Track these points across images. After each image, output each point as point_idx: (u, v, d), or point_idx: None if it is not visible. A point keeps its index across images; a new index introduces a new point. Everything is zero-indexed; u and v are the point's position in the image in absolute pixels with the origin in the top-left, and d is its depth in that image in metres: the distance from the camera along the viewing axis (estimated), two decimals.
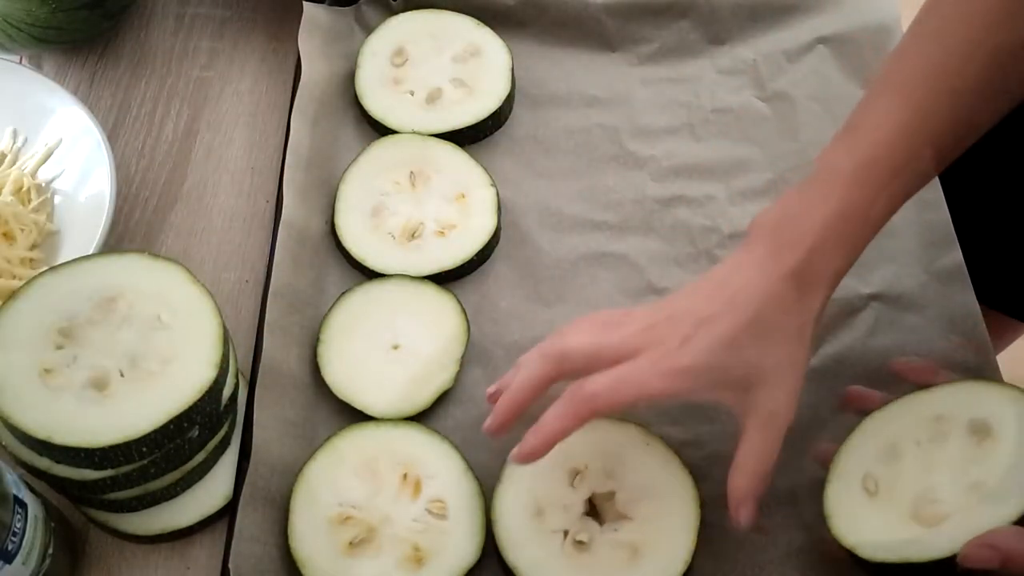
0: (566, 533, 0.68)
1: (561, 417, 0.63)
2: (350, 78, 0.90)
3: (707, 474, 0.72)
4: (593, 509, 0.69)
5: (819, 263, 0.63)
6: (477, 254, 0.81)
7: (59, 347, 0.64)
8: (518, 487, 0.69)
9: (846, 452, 0.68)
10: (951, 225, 0.84)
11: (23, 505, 0.59)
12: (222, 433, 0.69)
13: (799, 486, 0.73)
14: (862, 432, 0.68)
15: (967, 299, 0.80)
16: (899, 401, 0.68)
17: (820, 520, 0.71)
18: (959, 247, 0.82)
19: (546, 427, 0.64)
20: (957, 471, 0.63)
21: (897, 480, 0.65)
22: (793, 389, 0.64)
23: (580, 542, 0.68)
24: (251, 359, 0.75)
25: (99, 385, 0.63)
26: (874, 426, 0.68)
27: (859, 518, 0.65)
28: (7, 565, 0.58)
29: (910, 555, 0.61)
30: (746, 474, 0.63)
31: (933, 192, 0.86)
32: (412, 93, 0.89)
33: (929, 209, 0.85)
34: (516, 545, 0.67)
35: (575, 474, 0.70)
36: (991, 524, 0.58)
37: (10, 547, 0.58)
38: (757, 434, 0.63)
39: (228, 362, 0.67)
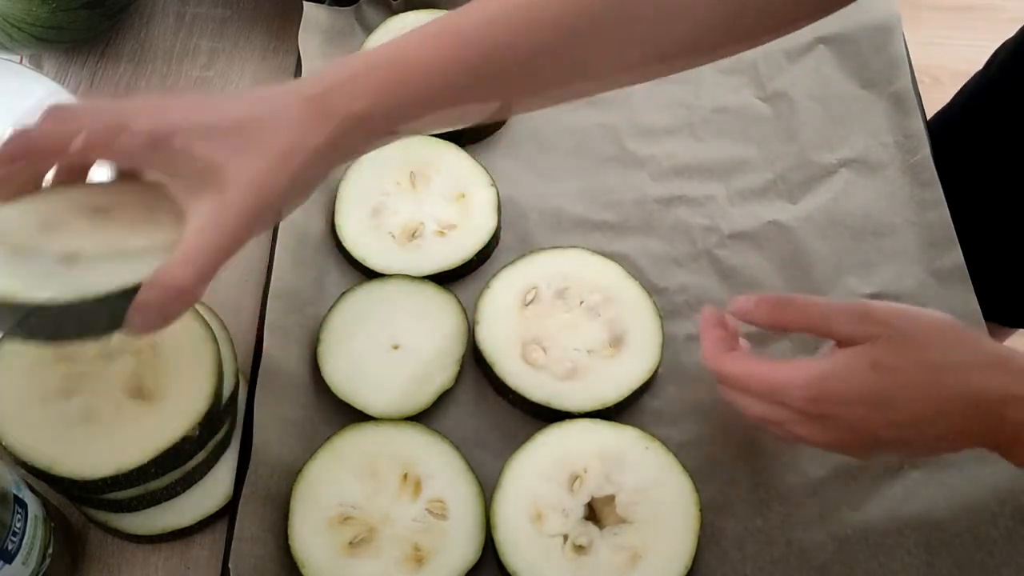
0: (565, 537, 0.68)
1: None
2: None
3: (707, 476, 0.72)
4: (592, 513, 0.69)
5: (344, 96, 0.57)
6: (477, 254, 0.81)
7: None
8: (517, 492, 0.69)
9: None
10: (951, 225, 0.84)
11: (23, 505, 0.59)
12: (222, 433, 0.70)
13: (799, 486, 0.73)
14: None
15: (967, 298, 0.80)
16: None
17: (819, 521, 0.71)
18: (959, 247, 0.82)
19: None
20: None
21: None
22: (241, 203, 0.54)
23: (579, 546, 0.68)
24: (251, 359, 0.75)
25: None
26: None
27: None
28: (7, 565, 0.58)
29: None
30: (166, 282, 0.53)
31: (933, 192, 0.86)
32: None
33: (929, 209, 0.85)
34: (516, 550, 0.67)
35: (574, 479, 0.70)
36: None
37: (10, 547, 0.58)
38: (197, 231, 0.54)
39: (223, 393, 0.68)
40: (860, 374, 0.60)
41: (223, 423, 0.69)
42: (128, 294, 0.53)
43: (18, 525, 0.58)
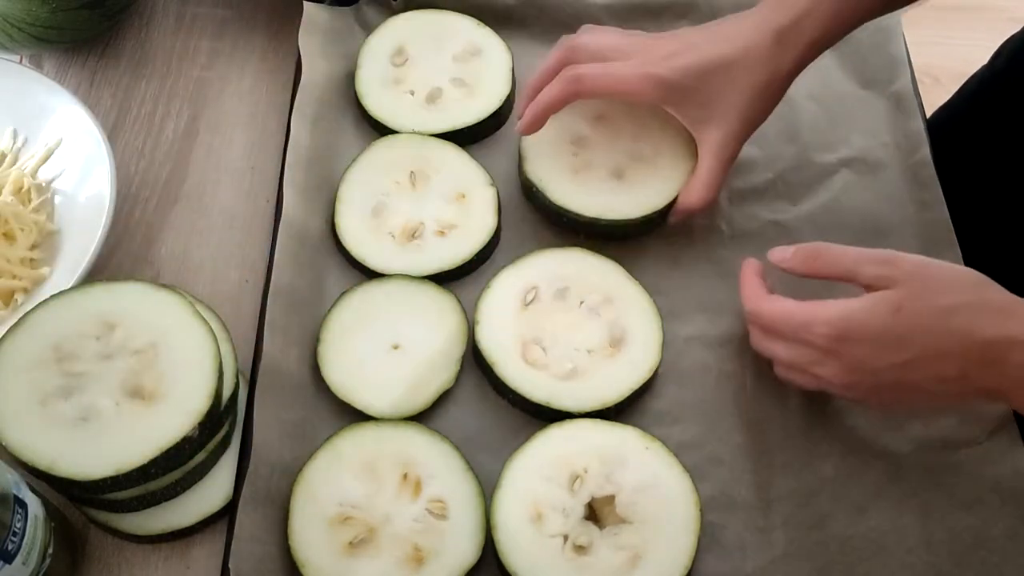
0: (565, 538, 0.68)
1: (551, 91, 0.77)
2: (350, 78, 0.90)
3: (707, 476, 0.72)
4: (593, 513, 0.69)
5: (803, 26, 0.74)
6: (477, 254, 0.81)
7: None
8: (517, 492, 0.69)
9: None
10: (950, 224, 0.84)
11: (23, 505, 0.59)
12: (222, 433, 0.70)
13: (799, 486, 0.73)
14: None
15: None
16: None
17: (820, 521, 0.71)
18: (958, 247, 0.82)
19: (540, 100, 0.78)
20: None
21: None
22: (735, 132, 0.77)
23: (580, 546, 0.67)
24: (251, 359, 0.75)
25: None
26: None
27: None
28: (7, 565, 0.58)
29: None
30: (695, 190, 0.79)
31: (932, 191, 0.86)
32: (412, 93, 0.89)
33: (928, 209, 0.85)
34: (516, 550, 0.67)
35: (574, 479, 0.70)
36: None
37: (10, 547, 0.58)
38: (706, 160, 0.78)
39: (223, 393, 0.68)
40: (881, 316, 0.66)
41: (223, 423, 0.69)
42: None
43: (18, 525, 0.58)
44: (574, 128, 0.84)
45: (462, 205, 0.83)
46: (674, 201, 0.82)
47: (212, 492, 0.70)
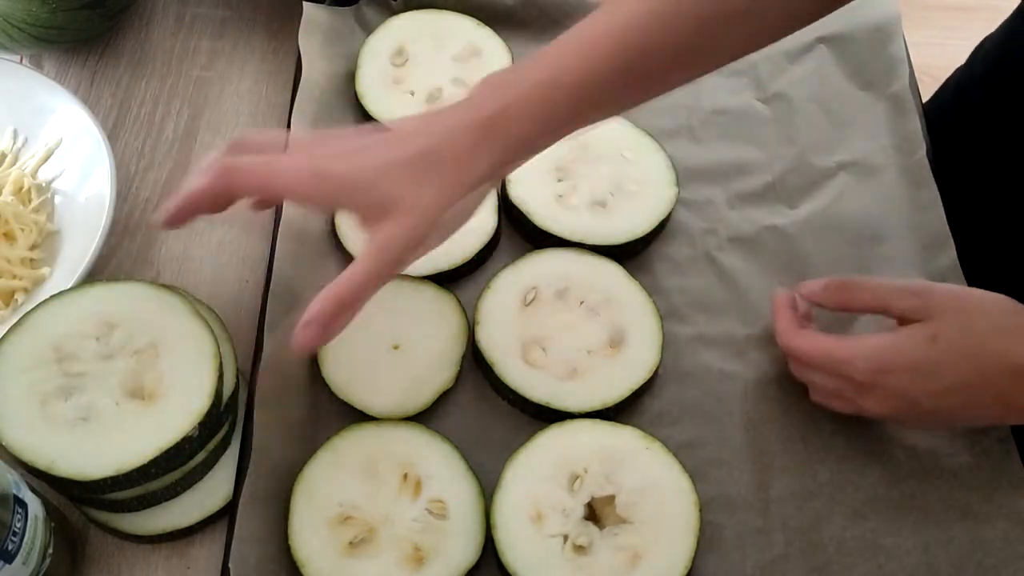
0: (565, 538, 0.68)
1: (197, 183, 0.63)
2: (350, 78, 0.90)
3: (706, 476, 0.72)
4: (592, 513, 0.69)
5: (510, 121, 0.63)
6: (477, 254, 0.81)
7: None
8: (517, 492, 0.69)
9: None
10: (946, 225, 0.84)
11: (23, 505, 0.59)
12: (222, 433, 0.70)
13: (799, 487, 0.73)
14: None
15: None
16: None
17: (818, 522, 0.71)
18: (954, 245, 0.83)
19: (182, 192, 0.63)
20: None
21: None
22: (415, 227, 0.62)
23: (580, 547, 0.67)
24: (251, 359, 0.75)
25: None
26: None
27: None
28: (7, 565, 0.58)
29: None
30: (327, 296, 0.61)
31: (929, 191, 0.86)
32: (412, 93, 0.89)
33: (925, 209, 0.85)
34: (516, 550, 0.67)
35: (574, 479, 0.70)
36: None
37: (10, 547, 0.58)
38: (363, 259, 0.62)
39: (223, 393, 0.68)
40: (919, 347, 0.67)
41: (223, 423, 0.69)
42: None
43: (18, 525, 0.58)
44: (557, 153, 0.83)
45: None
46: (662, 225, 0.82)
47: (212, 492, 0.70)
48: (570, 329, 0.77)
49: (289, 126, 0.84)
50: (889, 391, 0.68)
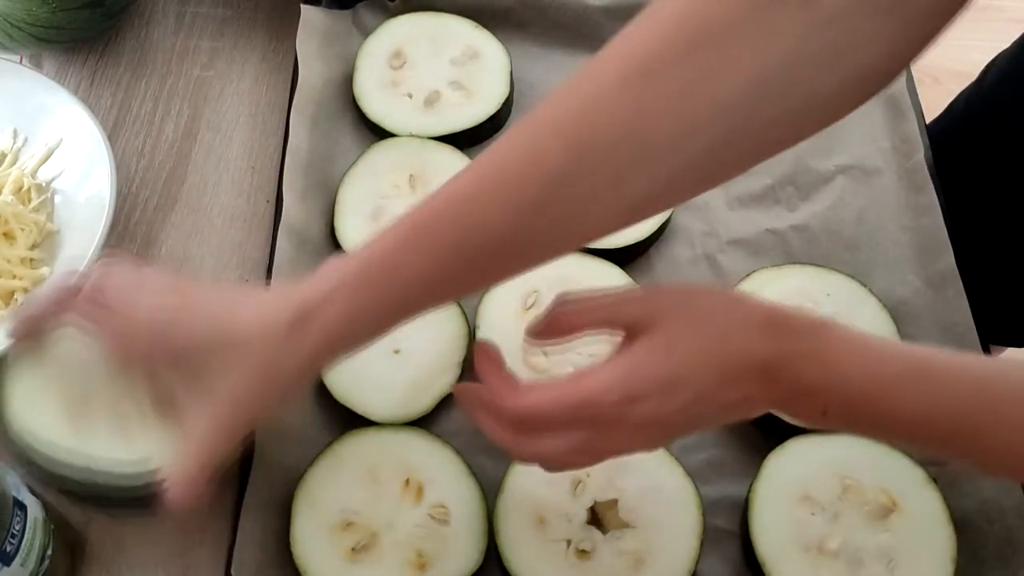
0: (568, 542, 0.68)
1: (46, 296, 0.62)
2: (348, 81, 0.90)
3: (708, 479, 0.72)
4: (595, 518, 0.69)
5: (320, 308, 0.58)
6: None
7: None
8: (520, 497, 0.69)
9: None
10: (944, 228, 0.84)
11: (23, 507, 0.59)
12: None
13: None
14: None
15: (960, 304, 0.80)
16: None
17: None
18: (951, 251, 0.83)
19: (39, 298, 0.62)
20: None
21: None
22: (226, 425, 0.59)
23: (583, 551, 0.68)
24: None
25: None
26: None
27: None
28: (5, 567, 0.58)
29: None
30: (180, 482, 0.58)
31: (927, 196, 0.86)
32: (410, 96, 0.89)
33: (923, 214, 0.85)
34: (518, 555, 0.67)
35: (577, 483, 0.70)
36: None
37: (8, 549, 0.58)
38: (190, 454, 0.59)
39: None
40: (658, 362, 0.57)
41: None
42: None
43: (17, 527, 0.58)
44: None
45: None
46: (662, 228, 0.82)
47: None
48: None
49: (287, 127, 0.84)
50: (639, 421, 0.56)
